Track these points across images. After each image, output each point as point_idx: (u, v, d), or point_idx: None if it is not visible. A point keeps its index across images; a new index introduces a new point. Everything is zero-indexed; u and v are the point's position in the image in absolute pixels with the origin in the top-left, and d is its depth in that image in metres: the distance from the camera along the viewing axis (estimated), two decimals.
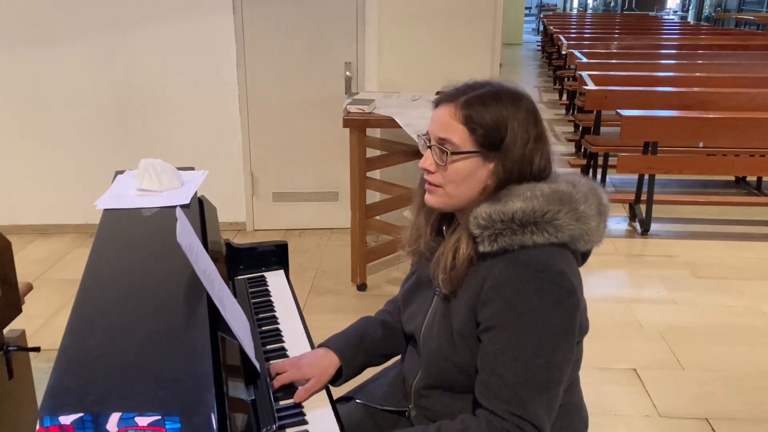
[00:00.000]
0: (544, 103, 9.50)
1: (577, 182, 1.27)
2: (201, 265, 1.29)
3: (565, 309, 1.18)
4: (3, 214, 4.40)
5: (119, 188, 1.82)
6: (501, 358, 1.17)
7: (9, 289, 1.50)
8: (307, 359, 1.45)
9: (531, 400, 1.16)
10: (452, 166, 1.23)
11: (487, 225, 1.19)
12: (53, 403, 0.90)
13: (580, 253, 1.30)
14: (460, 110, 1.22)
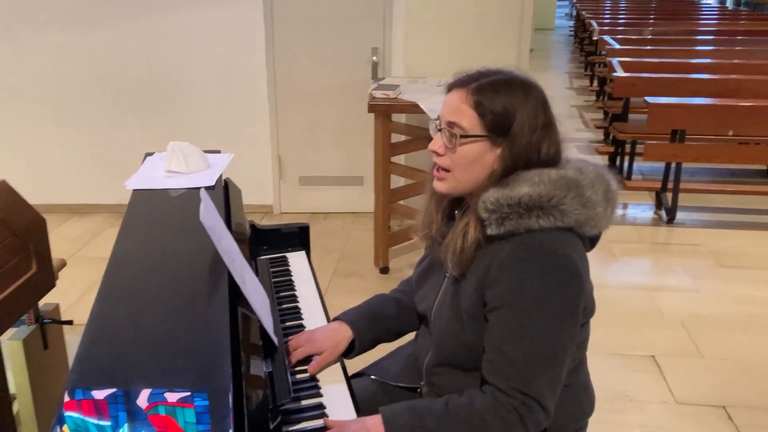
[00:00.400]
0: (575, 89, 9.42)
1: (585, 168, 1.30)
2: (223, 244, 1.35)
3: (569, 291, 1.22)
4: (39, 193, 4.53)
5: (148, 169, 1.89)
6: (506, 337, 1.22)
7: (43, 264, 1.58)
8: (321, 332, 1.52)
9: (534, 378, 1.20)
10: (460, 149, 1.27)
11: (494, 209, 1.23)
12: (80, 373, 0.97)
13: (588, 238, 1.33)
14: (471, 95, 1.26)
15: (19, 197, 1.51)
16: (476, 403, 1.23)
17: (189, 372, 0.97)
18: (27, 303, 1.55)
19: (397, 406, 1.27)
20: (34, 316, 2.08)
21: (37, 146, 4.50)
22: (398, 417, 1.25)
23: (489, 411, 1.21)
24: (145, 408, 0.84)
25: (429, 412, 1.25)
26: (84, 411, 0.84)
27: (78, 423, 0.82)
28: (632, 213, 4.70)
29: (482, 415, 1.21)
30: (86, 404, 0.84)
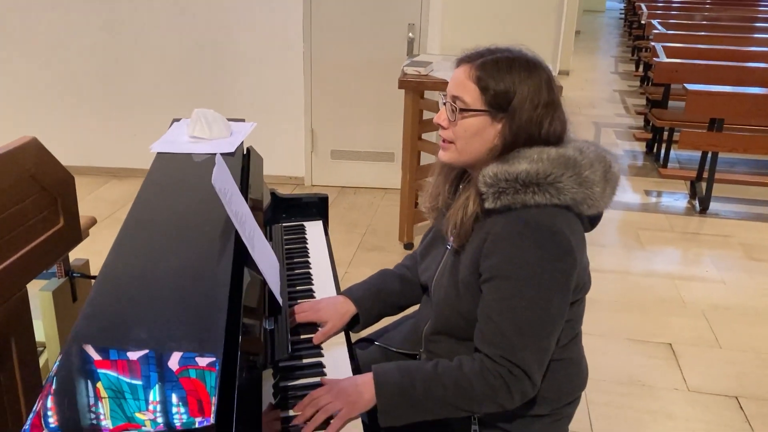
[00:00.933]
0: (619, 74, 9.25)
1: (586, 149, 1.33)
2: (234, 207, 1.41)
3: (561, 266, 1.25)
4: (79, 155, 4.71)
5: (174, 134, 1.97)
6: (497, 307, 1.26)
7: (70, 218, 1.67)
8: (326, 304, 1.58)
9: (522, 347, 1.24)
10: (462, 122, 1.31)
11: (492, 183, 1.27)
12: (88, 317, 1.05)
13: (587, 218, 1.36)
14: (475, 71, 1.30)
15: (50, 154, 1.59)
16: (464, 367, 1.28)
17: (184, 324, 1.04)
18: (54, 255, 1.64)
19: (388, 365, 1.33)
20: (65, 269, 2.19)
21: (80, 110, 4.65)
22: (388, 375, 1.30)
23: (476, 375, 1.26)
24: (177, 370, 0.89)
25: (418, 372, 1.30)
26: (118, 370, 0.89)
27: (112, 381, 0.87)
28: (666, 201, 4.64)
29: (469, 378, 1.26)
30: (120, 364, 0.90)
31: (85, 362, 0.95)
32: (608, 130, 6.35)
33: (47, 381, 0.90)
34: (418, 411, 1.30)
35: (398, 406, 1.29)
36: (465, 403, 1.28)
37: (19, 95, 4.64)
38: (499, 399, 1.26)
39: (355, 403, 1.28)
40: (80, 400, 0.88)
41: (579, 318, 1.42)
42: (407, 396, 1.28)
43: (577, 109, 7.08)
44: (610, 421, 2.43)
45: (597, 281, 3.41)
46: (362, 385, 1.30)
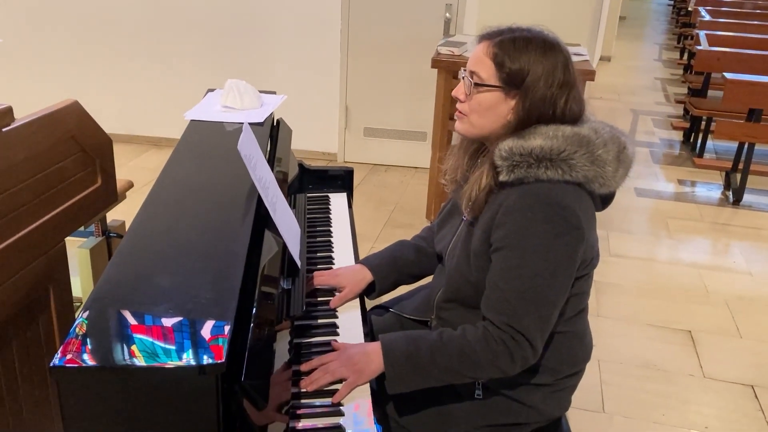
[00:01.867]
0: (663, 62, 9.09)
1: (601, 129, 1.37)
2: (258, 173, 1.49)
3: (568, 240, 1.30)
4: (122, 124, 4.86)
5: (207, 104, 2.05)
6: (504, 275, 1.32)
7: (107, 179, 1.78)
8: (344, 271, 1.66)
9: (525, 314, 1.30)
10: (476, 96, 1.37)
11: (507, 156, 1.32)
12: (115, 272, 1.14)
13: (598, 196, 1.40)
14: (492, 48, 1.35)
15: (90, 118, 1.69)
16: (468, 334, 1.35)
17: (203, 275, 1.12)
18: (90, 212, 1.74)
19: (395, 335, 1.40)
20: (102, 229, 2.31)
21: (124, 80, 4.80)
22: (395, 343, 1.37)
23: (479, 342, 1.32)
24: (208, 339, 0.97)
25: (424, 341, 1.37)
26: (153, 335, 0.97)
27: (146, 344, 0.94)
28: (699, 191, 4.60)
29: (473, 345, 1.33)
30: (155, 329, 0.98)
31: (113, 303, 1.04)
32: (646, 117, 6.28)
33: (79, 314, 1.00)
34: (424, 378, 1.36)
35: (405, 374, 1.35)
36: (469, 369, 1.34)
37: (64, 65, 4.80)
38: (501, 364, 1.32)
39: (363, 372, 1.34)
40: (106, 333, 0.97)
41: (585, 293, 1.47)
42: (413, 363, 1.34)
43: (616, 96, 7.00)
44: (622, 402, 2.47)
45: (621, 266, 3.46)
46: (370, 353, 1.36)
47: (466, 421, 1.46)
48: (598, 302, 3.11)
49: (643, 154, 5.28)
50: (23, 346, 1.54)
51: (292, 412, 1.25)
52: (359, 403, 1.30)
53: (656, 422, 2.38)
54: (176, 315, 1.01)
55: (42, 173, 1.53)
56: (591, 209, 1.38)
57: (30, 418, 1.58)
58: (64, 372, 0.90)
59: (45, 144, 1.52)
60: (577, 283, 1.40)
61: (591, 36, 4.89)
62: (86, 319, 0.99)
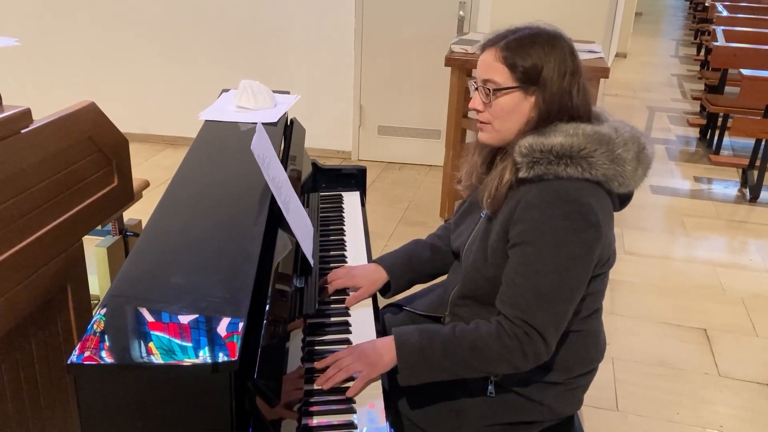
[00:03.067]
0: (679, 58, 9.02)
1: (621, 128, 1.38)
2: (271, 173, 1.51)
3: (585, 237, 1.31)
4: (138, 123, 4.91)
5: (222, 104, 2.07)
6: (521, 271, 1.33)
7: (123, 178, 1.80)
8: (360, 270, 1.67)
9: (539, 309, 1.31)
10: (496, 102, 1.38)
11: (527, 153, 1.33)
12: (130, 270, 1.17)
13: (617, 196, 1.41)
14: (500, 52, 1.36)
15: (106, 118, 1.71)
16: (481, 329, 1.36)
17: (217, 273, 1.14)
18: (107, 212, 1.77)
19: (408, 328, 1.41)
20: (119, 228, 2.35)
21: (139, 79, 4.84)
22: (408, 336, 1.38)
23: (492, 336, 1.33)
24: (222, 337, 0.99)
25: (437, 334, 1.38)
26: (168, 333, 0.99)
27: (161, 342, 0.96)
28: (716, 189, 4.57)
29: (486, 339, 1.33)
30: (170, 327, 1.00)
31: (129, 301, 1.06)
32: (662, 114, 6.24)
33: (96, 312, 1.02)
34: (436, 371, 1.37)
35: (417, 366, 1.36)
36: (481, 364, 1.35)
37: (80, 65, 4.85)
38: (514, 359, 1.33)
39: (376, 365, 1.35)
40: (122, 331, 0.99)
41: (600, 292, 1.47)
42: (426, 356, 1.35)
43: (631, 93, 6.96)
44: (636, 400, 2.47)
45: (636, 264, 3.45)
46: (383, 347, 1.37)
47: (478, 419, 1.47)
48: (612, 300, 3.11)
49: (659, 151, 5.25)
50: (42, 344, 1.56)
51: (305, 409, 1.27)
52: (373, 402, 1.31)
53: (671, 421, 2.38)
54: (190, 313, 1.03)
55: (59, 174, 1.55)
56: (609, 208, 1.39)
57: (49, 415, 1.61)
58: (81, 369, 0.92)
59: (62, 145, 1.54)
60: (593, 282, 1.41)
61: (606, 32, 4.86)
62: (103, 317, 1.01)
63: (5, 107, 1.41)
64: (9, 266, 1.39)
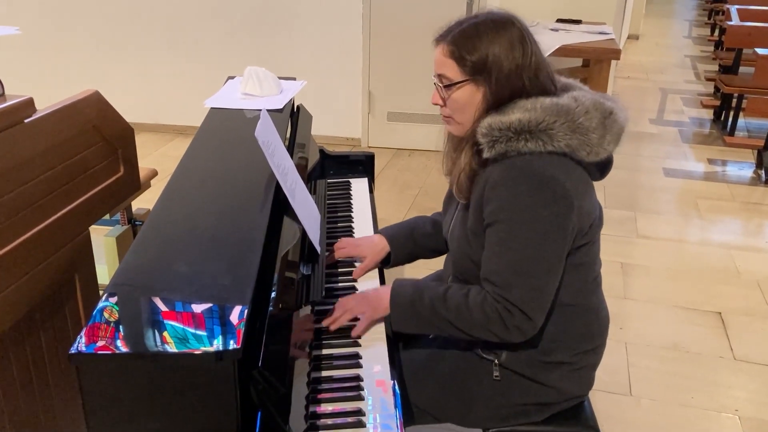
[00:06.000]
0: (693, 39, 8.90)
1: (582, 97, 1.36)
2: (276, 160, 1.49)
3: (555, 210, 1.30)
4: (148, 114, 4.91)
5: (227, 91, 2.06)
6: (495, 249, 1.33)
7: (130, 167, 1.79)
8: (364, 241, 1.72)
9: (516, 286, 1.31)
10: (451, 98, 1.38)
11: (486, 133, 1.33)
12: (134, 258, 1.16)
13: (593, 165, 1.39)
14: (448, 46, 1.36)
15: (111, 107, 1.71)
16: (470, 295, 1.37)
17: (221, 260, 1.13)
18: (114, 201, 1.76)
19: (406, 281, 1.46)
20: (127, 217, 2.35)
21: (148, 69, 4.84)
22: (403, 288, 1.44)
23: (476, 305, 1.35)
24: (225, 325, 0.98)
25: (429, 291, 1.41)
26: (171, 321, 0.99)
27: (164, 331, 0.96)
28: (730, 170, 4.50)
29: (470, 306, 1.35)
30: (173, 316, 1.00)
31: (132, 290, 1.05)
32: (675, 96, 6.16)
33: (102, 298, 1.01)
34: (423, 324, 1.42)
35: (407, 317, 1.42)
36: (463, 326, 1.37)
37: (90, 55, 4.85)
38: (495, 331, 1.34)
39: (376, 308, 1.45)
40: (124, 320, 0.98)
41: (590, 263, 1.45)
42: (415, 310, 1.41)
43: (644, 75, 6.88)
44: (650, 384, 2.44)
45: (649, 248, 3.42)
46: (382, 295, 1.46)
47: (486, 404, 1.46)
48: (625, 284, 3.08)
49: (672, 133, 5.18)
50: (51, 335, 1.57)
51: (314, 396, 1.26)
52: (382, 388, 1.30)
53: (685, 405, 2.35)
54: (194, 301, 1.02)
55: (65, 163, 1.55)
56: (582, 178, 1.37)
57: (59, 404, 1.61)
58: (84, 358, 0.91)
59: (67, 134, 1.54)
60: (578, 252, 1.39)
61: (618, 14, 4.80)
62: (106, 306, 1.00)
63: (8, 97, 1.40)
64: (16, 257, 1.39)
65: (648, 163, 4.51)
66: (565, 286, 1.40)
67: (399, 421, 1.22)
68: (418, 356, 1.55)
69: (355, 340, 1.42)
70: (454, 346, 1.51)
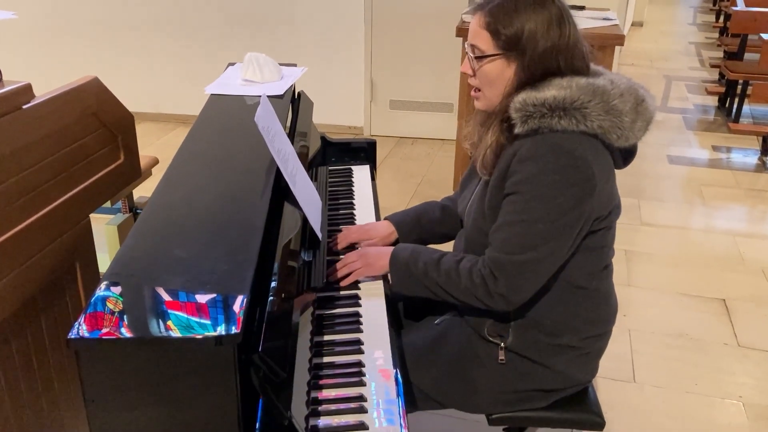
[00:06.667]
0: (698, 25, 8.84)
1: (618, 80, 1.35)
2: (276, 145, 1.48)
3: (576, 191, 1.28)
4: (151, 103, 4.90)
5: (228, 77, 2.05)
6: (507, 218, 1.33)
7: (130, 154, 1.78)
8: (372, 226, 1.74)
9: (515, 254, 1.31)
10: (481, 70, 1.36)
11: (520, 108, 1.31)
12: (133, 243, 1.15)
13: (618, 151, 1.37)
14: (484, 17, 1.34)
15: (110, 94, 1.69)
16: (461, 262, 1.39)
17: (220, 246, 1.12)
18: (114, 188, 1.75)
19: (407, 245, 1.51)
20: (129, 206, 2.34)
21: (150, 58, 4.82)
22: (402, 251, 1.49)
23: (465, 271, 1.37)
24: (225, 310, 0.97)
25: (425, 256, 1.45)
26: (170, 307, 0.98)
27: (163, 316, 0.96)
28: (734, 157, 4.48)
29: (459, 272, 1.38)
30: (172, 301, 0.99)
31: (130, 275, 1.04)
32: (679, 83, 6.12)
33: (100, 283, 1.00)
34: (418, 287, 1.45)
35: (402, 279, 1.47)
36: (453, 291, 1.40)
37: (91, 44, 4.83)
38: (479, 296, 1.36)
39: (372, 265, 1.51)
40: (123, 305, 0.97)
41: (605, 248, 1.43)
42: (410, 272, 1.45)
43: (648, 62, 6.83)
44: (654, 372, 2.44)
45: (653, 235, 3.40)
46: (383, 253, 1.51)
47: (490, 388, 1.45)
48: (629, 271, 3.06)
49: (676, 120, 5.15)
50: (52, 323, 1.56)
51: (315, 382, 1.25)
52: (383, 374, 1.29)
53: (689, 392, 2.35)
54: (193, 287, 1.01)
55: (64, 150, 1.54)
56: (608, 163, 1.36)
57: (61, 390, 1.61)
58: (82, 344, 0.91)
59: (65, 121, 1.53)
60: (594, 237, 1.38)
61: (622, 1, 4.77)
62: (104, 291, 1.00)
63: (5, 83, 1.39)
64: (16, 243, 1.38)
65: (652, 150, 4.49)
66: (577, 269, 1.39)
67: (401, 407, 1.22)
68: (422, 340, 1.54)
69: (357, 327, 1.40)
70: (458, 329, 1.51)
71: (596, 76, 1.36)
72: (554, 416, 1.51)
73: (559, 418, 1.51)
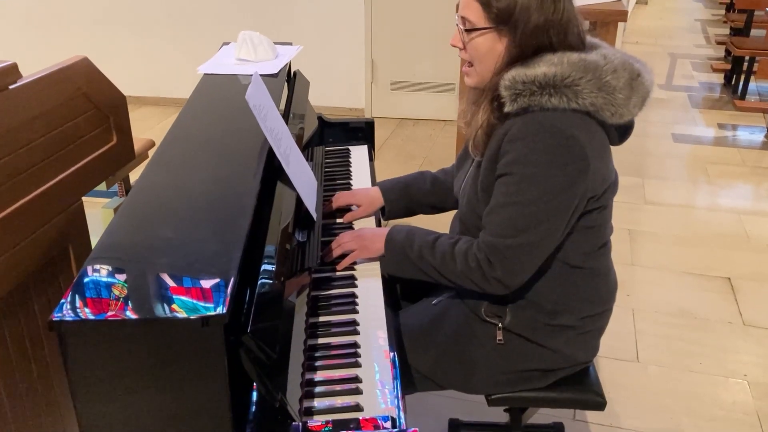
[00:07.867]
0: (703, 2, 8.73)
1: (611, 55, 1.30)
2: (269, 124, 1.45)
3: (569, 170, 1.25)
4: (149, 87, 4.87)
5: (222, 57, 2.01)
6: (500, 200, 1.30)
7: (123, 136, 1.75)
8: (360, 191, 1.75)
9: (509, 238, 1.28)
10: (471, 43, 1.32)
11: (510, 86, 1.27)
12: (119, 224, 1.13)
13: (613, 128, 1.34)
14: None
15: (101, 74, 1.66)
16: (457, 245, 1.37)
17: (209, 226, 1.10)
18: (107, 170, 1.73)
19: (402, 227, 1.49)
20: (125, 189, 2.32)
21: (149, 42, 4.78)
22: (397, 233, 1.46)
23: (461, 254, 1.35)
24: (211, 290, 0.95)
25: (420, 238, 1.43)
26: (155, 287, 0.96)
27: (149, 297, 0.94)
28: (740, 135, 4.43)
29: (454, 255, 1.36)
30: (158, 282, 0.97)
31: (116, 256, 1.02)
32: (684, 61, 6.04)
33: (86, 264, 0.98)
34: (413, 269, 1.44)
35: (397, 261, 1.45)
36: (449, 275, 1.38)
37: (89, 28, 4.79)
38: (475, 280, 1.34)
39: (367, 248, 1.49)
40: (107, 286, 0.95)
41: (602, 226, 1.40)
42: (405, 255, 1.43)
43: (653, 40, 6.75)
44: (658, 351, 2.41)
45: (657, 214, 3.36)
46: (378, 236, 1.48)
47: (489, 368, 1.43)
48: (633, 251, 3.03)
49: (682, 98, 5.09)
50: (45, 306, 1.54)
51: (310, 364, 1.23)
52: (379, 354, 1.27)
53: (693, 371, 2.32)
54: (180, 267, 0.99)
55: (54, 131, 1.51)
56: (602, 141, 1.32)
57: (56, 373, 1.60)
58: (65, 325, 0.89)
59: (55, 101, 1.50)
60: (590, 216, 1.35)
61: None
62: (90, 272, 0.97)
63: None
64: (6, 226, 1.36)
65: (656, 129, 4.44)
66: (574, 248, 1.36)
67: (398, 389, 1.19)
68: (419, 320, 1.52)
69: (353, 308, 1.38)
70: (456, 309, 1.48)
71: (590, 50, 1.31)
72: (554, 396, 1.49)
73: (560, 398, 1.49)
